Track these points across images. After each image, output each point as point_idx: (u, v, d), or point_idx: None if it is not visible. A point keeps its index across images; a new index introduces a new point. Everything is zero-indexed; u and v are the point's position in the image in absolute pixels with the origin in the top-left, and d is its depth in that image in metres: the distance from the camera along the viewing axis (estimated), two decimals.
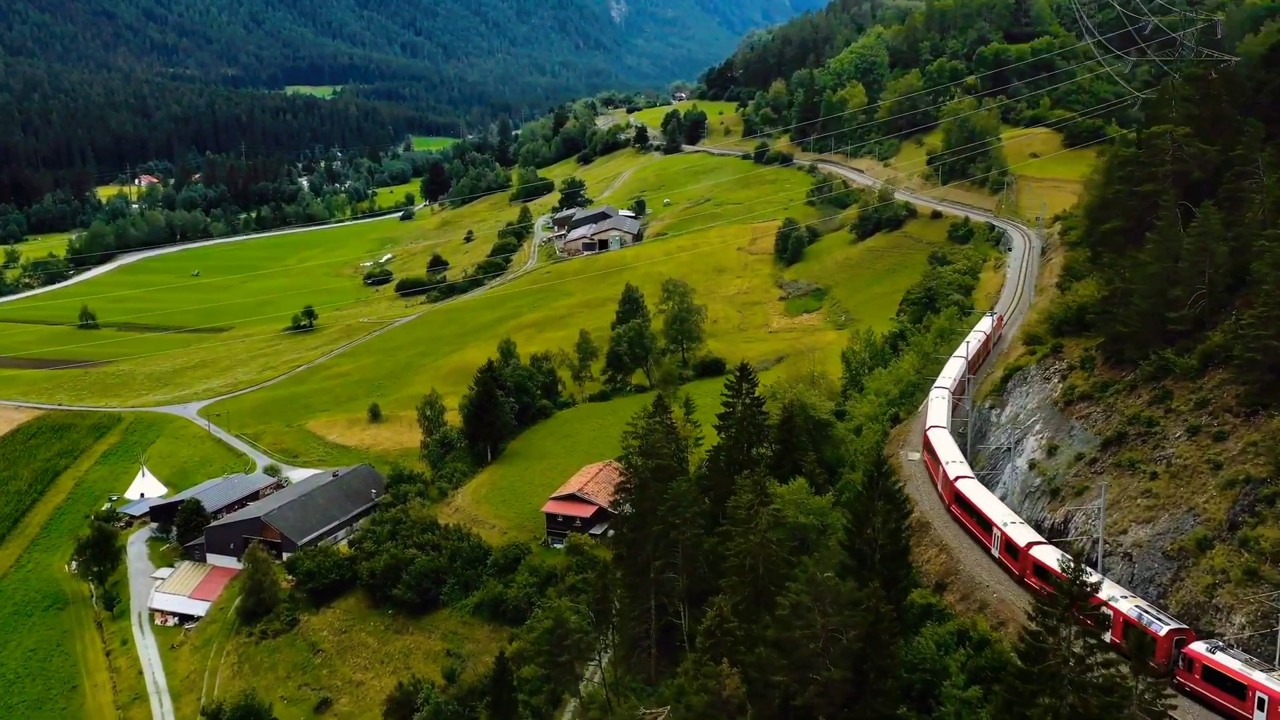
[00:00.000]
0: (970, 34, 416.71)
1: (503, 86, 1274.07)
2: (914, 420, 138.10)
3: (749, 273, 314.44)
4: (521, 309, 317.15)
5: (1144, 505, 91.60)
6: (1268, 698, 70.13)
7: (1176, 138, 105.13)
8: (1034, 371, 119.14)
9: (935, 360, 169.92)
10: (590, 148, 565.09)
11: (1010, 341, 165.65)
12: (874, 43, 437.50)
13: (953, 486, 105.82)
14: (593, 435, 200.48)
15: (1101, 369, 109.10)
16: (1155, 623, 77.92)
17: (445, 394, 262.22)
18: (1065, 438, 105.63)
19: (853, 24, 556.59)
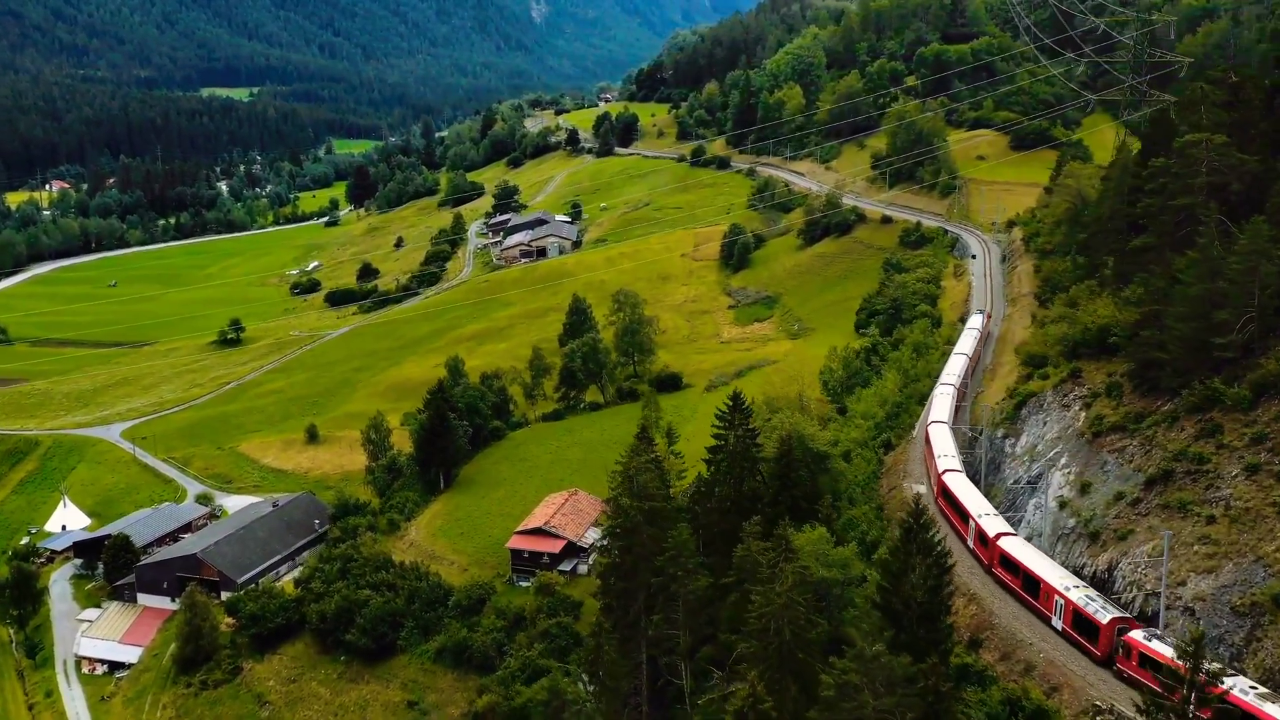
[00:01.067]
0: (907, 35, 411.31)
1: (424, 88, 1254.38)
2: (909, 448, 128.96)
3: (695, 280, 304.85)
4: (460, 320, 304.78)
5: (1203, 553, 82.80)
6: None
7: (1213, 146, 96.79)
8: (1050, 398, 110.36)
9: (914, 378, 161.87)
10: (520, 151, 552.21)
11: (993, 356, 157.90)
12: (810, 44, 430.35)
13: (941, 482, 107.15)
14: (550, 458, 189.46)
15: (1131, 397, 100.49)
16: (1100, 611, 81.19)
17: (385, 411, 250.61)
18: (1098, 473, 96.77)
19: (783, 25, 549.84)
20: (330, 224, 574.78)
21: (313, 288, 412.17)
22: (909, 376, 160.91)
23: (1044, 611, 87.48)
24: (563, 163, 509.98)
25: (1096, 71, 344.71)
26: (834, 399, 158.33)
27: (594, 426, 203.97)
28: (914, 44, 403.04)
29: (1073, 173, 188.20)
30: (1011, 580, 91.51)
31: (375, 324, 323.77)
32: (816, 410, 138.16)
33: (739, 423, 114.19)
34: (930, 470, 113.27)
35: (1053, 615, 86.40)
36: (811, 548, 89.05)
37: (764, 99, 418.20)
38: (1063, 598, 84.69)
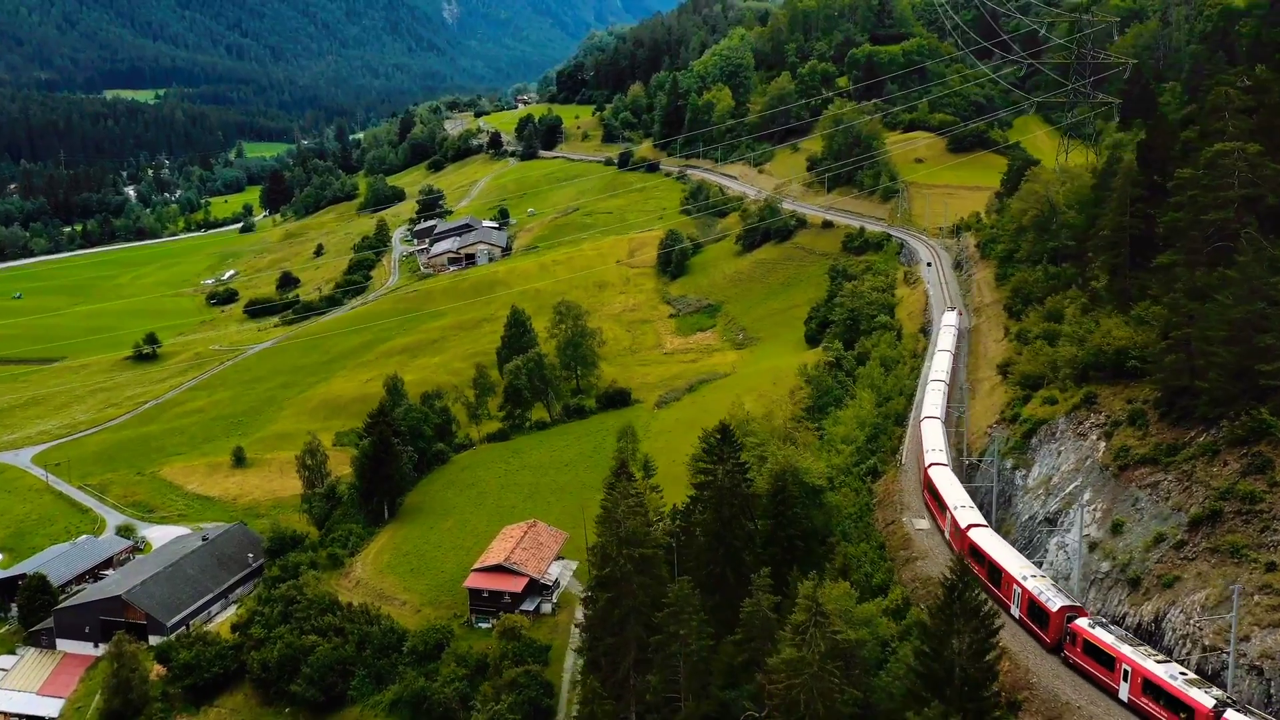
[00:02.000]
0: (836, 36, 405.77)
1: (335, 89, 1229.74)
2: (900, 476, 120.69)
3: (632, 288, 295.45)
4: (389, 332, 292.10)
5: (1266, 605, 75.15)
6: (1130, 669, 73.86)
7: (1246, 156, 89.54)
8: (1063, 425, 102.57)
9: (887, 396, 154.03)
10: (441, 154, 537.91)
11: (966, 370, 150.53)
12: (738, 44, 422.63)
13: (926, 475, 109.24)
14: (499, 483, 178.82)
15: (1159, 427, 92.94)
16: (1051, 599, 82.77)
17: (316, 430, 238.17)
18: (1130, 511, 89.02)
19: (706, 25, 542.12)
20: (245, 230, 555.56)
21: (230, 298, 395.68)
22: (882, 394, 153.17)
23: (1005, 600, 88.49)
24: (486, 166, 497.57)
25: (1026, 73, 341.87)
26: (808, 420, 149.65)
27: (542, 447, 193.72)
28: (843, 45, 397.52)
29: (1038, 178, 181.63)
30: (979, 569, 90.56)
31: (300, 337, 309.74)
32: (785, 431, 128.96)
33: (728, 456, 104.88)
34: (919, 462, 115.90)
35: (1011, 604, 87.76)
36: (834, 605, 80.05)
37: (692, 101, 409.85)
38: (1020, 586, 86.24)
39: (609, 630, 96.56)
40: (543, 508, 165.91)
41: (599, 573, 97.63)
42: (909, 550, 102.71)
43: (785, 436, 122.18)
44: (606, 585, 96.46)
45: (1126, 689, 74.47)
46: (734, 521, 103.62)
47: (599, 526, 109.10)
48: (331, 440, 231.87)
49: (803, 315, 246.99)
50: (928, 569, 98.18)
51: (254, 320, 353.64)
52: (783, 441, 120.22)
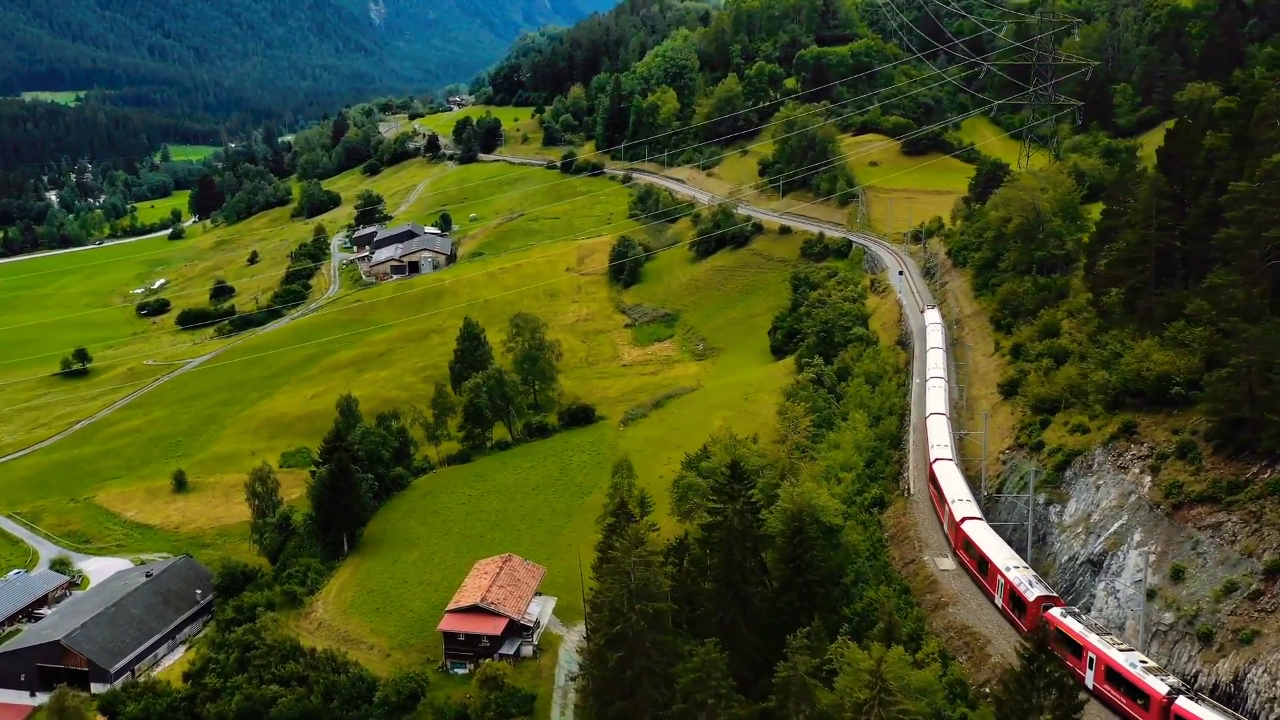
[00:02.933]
0: (781, 36, 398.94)
1: (262, 91, 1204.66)
2: (910, 508, 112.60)
3: (585, 297, 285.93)
4: (333, 345, 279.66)
5: None
6: (1095, 656, 75.84)
7: None
8: (1100, 457, 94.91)
9: (878, 415, 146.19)
10: (377, 158, 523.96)
11: (957, 386, 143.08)
12: (682, 45, 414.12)
13: (931, 470, 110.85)
14: (464, 510, 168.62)
15: (1214, 461, 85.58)
16: (1029, 590, 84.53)
17: (260, 450, 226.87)
18: (1190, 555, 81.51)
19: (645, 26, 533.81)
20: (175, 237, 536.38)
21: (162, 308, 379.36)
22: (872, 414, 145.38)
23: (990, 591, 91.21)
24: (424, 170, 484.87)
25: (974, 74, 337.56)
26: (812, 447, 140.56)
27: (506, 469, 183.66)
28: (789, 46, 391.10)
29: (1017, 184, 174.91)
30: (969, 561, 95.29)
31: (239, 350, 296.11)
32: (788, 462, 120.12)
33: (739, 494, 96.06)
34: (925, 456, 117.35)
35: (995, 594, 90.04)
36: (889, 672, 71.38)
37: (636, 103, 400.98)
38: (1003, 577, 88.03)
39: (619, 693, 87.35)
40: (512, 537, 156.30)
41: (608, 630, 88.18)
42: (936, 594, 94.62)
43: (788, 467, 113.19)
44: (617, 644, 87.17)
45: (1092, 676, 76.37)
46: (746, 566, 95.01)
47: (595, 572, 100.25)
48: (278, 461, 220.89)
49: (764, 324, 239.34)
50: (961, 616, 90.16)
51: (188, 332, 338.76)
52: (785, 471, 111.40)
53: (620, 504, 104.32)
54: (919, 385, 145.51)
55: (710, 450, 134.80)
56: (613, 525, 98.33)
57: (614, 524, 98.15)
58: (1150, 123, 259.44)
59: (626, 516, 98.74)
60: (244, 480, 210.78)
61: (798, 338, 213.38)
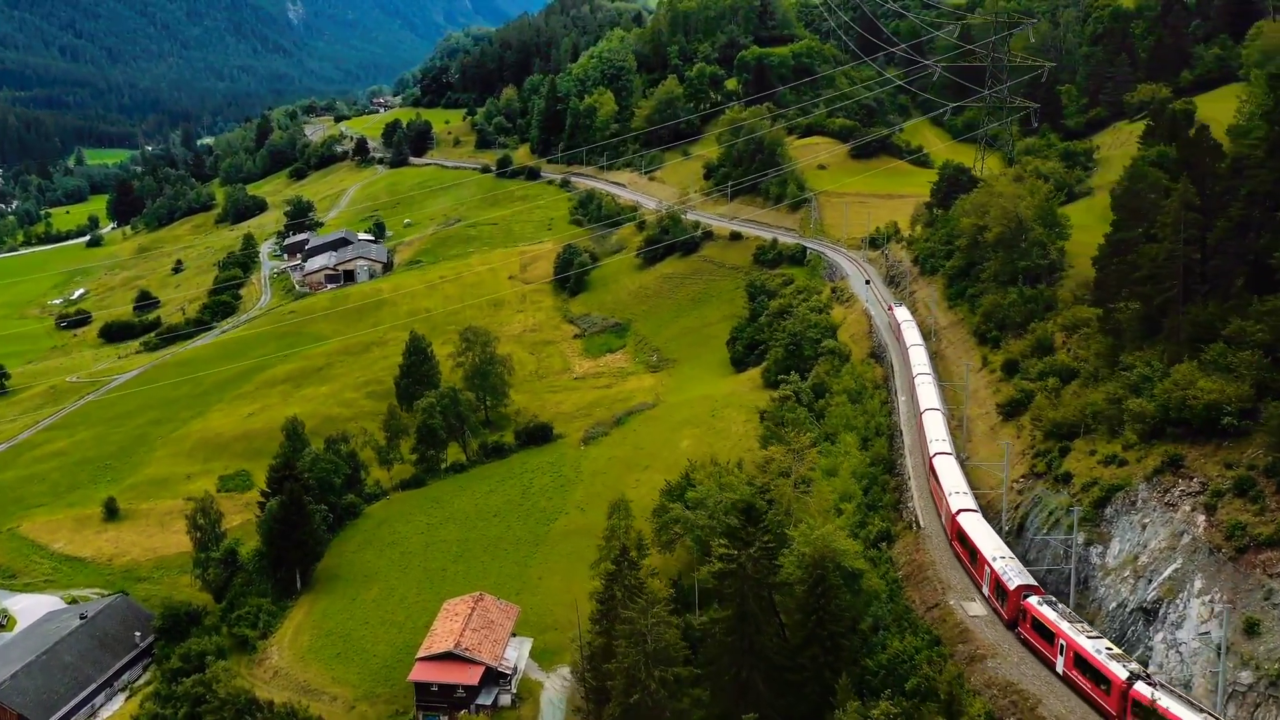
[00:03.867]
0: (719, 37, 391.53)
1: (178, 93, 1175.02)
2: (921, 542, 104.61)
3: (530, 306, 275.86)
4: (268, 359, 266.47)
5: None
6: (1065, 643, 77.49)
7: None
8: (1144, 492, 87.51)
9: (866, 437, 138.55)
10: (304, 161, 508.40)
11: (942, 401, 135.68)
12: (618, 46, 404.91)
13: (930, 464, 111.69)
14: (423, 540, 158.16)
15: (1278, 500, 78.52)
16: (1011, 579, 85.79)
17: (195, 474, 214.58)
18: (1264, 606, 74.19)
19: (576, 27, 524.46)
20: (93, 244, 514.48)
21: (83, 320, 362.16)
22: (859, 434, 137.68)
23: (979, 580, 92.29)
24: (353, 174, 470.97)
25: (919, 75, 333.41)
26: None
27: (464, 494, 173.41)
28: (727, 47, 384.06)
29: (993, 190, 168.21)
30: (962, 552, 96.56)
31: (169, 365, 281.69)
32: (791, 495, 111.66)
33: (754, 539, 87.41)
34: (923, 450, 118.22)
35: (983, 583, 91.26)
36: None
37: (573, 105, 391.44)
38: (989, 567, 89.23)
39: None
40: (478, 570, 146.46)
41: (623, 699, 79.03)
42: (970, 644, 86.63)
43: (792, 502, 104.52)
44: (635, 714, 78.03)
45: (1062, 663, 78.29)
46: (762, 618, 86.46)
47: (594, 624, 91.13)
48: (215, 485, 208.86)
49: (719, 333, 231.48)
50: (1003, 671, 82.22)
51: (112, 345, 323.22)
52: (789, 508, 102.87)
53: (622, 551, 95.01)
54: (908, 380, 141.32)
55: (694, 478, 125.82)
56: (614, 574, 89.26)
57: (615, 572, 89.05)
58: (1100, 124, 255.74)
59: (629, 565, 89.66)
60: (180, 506, 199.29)
61: (760, 349, 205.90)
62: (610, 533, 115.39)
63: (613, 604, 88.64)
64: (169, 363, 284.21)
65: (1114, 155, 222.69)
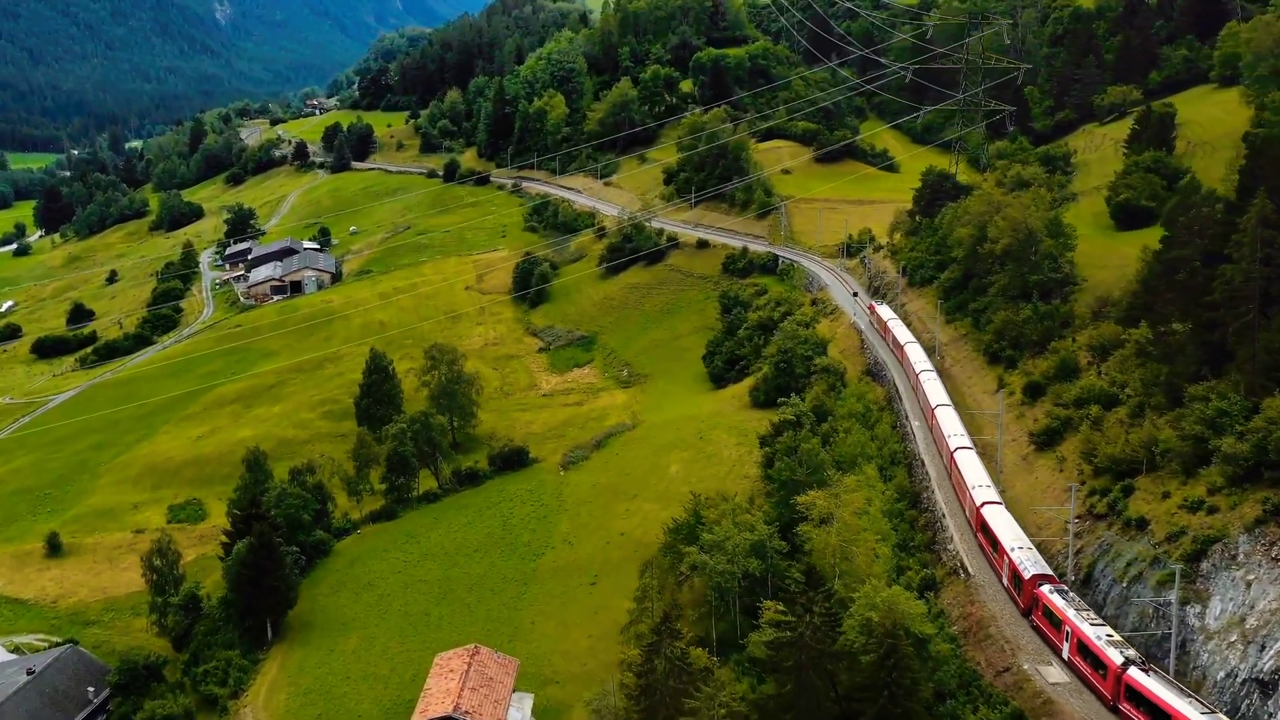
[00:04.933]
0: (671, 38, 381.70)
1: (104, 95, 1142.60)
2: (974, 593, 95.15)
3: (490, 318, 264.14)
4: (216, 377, 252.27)
5: None
6: (1070, 630, 79.04)
7: None
8: (1245, 544, 78.66)
9: (883, 465, 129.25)
10: (240, 166, 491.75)
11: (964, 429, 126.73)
12: (567, 48, 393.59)
13: (951, 459, 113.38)
14: (401, 581, 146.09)
15: None
16: (1026, 568, 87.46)
17: (143, 503, 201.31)
18: None
19: (519, 28, 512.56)
20: (20, 254, 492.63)
21: (13, 334, 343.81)
22: (876, 461, 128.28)
23: (999, 570, 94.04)
24: (293, 180, 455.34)
25: (870, 77, 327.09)
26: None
27: (439, 527, 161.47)
28: (679, 48, 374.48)
29: (992, 199, 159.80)
30: (985, 543, 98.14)
31: (109, 384, 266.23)
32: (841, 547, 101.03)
33: (816, 604, 77.42)
34: (941, 448, 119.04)
35: (1002, 572, 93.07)
36: None
37: (522, 108, 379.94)
38: (1007, 556, 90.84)
39: None
40: (463, 614, 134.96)
41: None
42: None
43: (842, 553, 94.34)
44: None
45: (1067, 649, 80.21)
46: (824, 693, 76.54)
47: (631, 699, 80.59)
48: (165, 515, 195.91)
49: (691, 346, 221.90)
50: None
51: (45, 361, 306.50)
52: (838, 559, 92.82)
53: (665, 619, 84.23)
54: (923, 406, 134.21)
55: (704, 515, 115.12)
56: (654, 644, 78.86)
57: (655, 643, 78.66)
58: (1068, 127, 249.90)
59: (671, 633, 79.35)
60: (129, 540, 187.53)
61: (741, 365, 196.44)
62: (642, 593, 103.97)
63: (653, 677, 78.27)
64: (109, 381, 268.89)
65: (1092, 159, 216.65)
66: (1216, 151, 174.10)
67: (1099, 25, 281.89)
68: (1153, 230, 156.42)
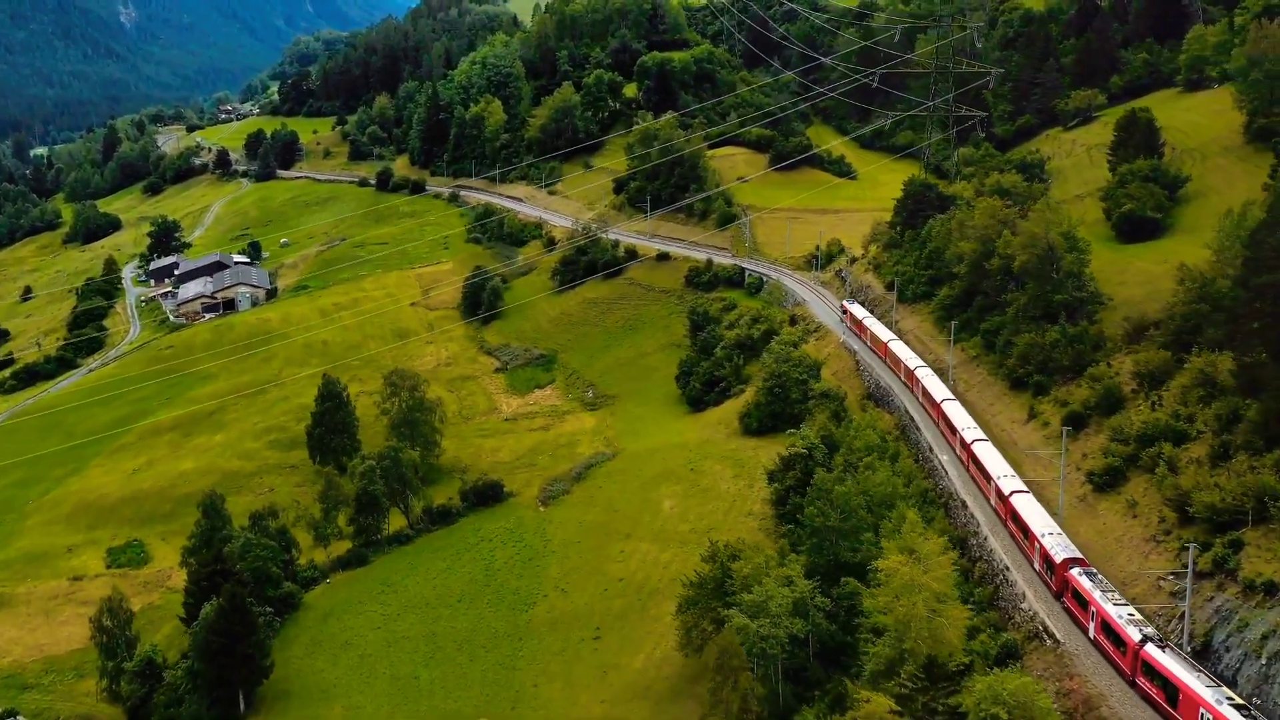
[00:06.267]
0: (611, 41, 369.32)
1: (4, 100, 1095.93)
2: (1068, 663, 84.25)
3: (441, 336, 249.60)
4: (148, 403, 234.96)
5: None
6: (1095, 610, 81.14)
7: None
8: None
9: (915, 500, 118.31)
10: (159, 175, 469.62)
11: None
12: (503, 51, 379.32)
13: (969, 450, 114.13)
14: (382, 638, 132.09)
15: None
16: (1057, 552, 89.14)
17: (77, 546, 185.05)
18: None
19: (447, 32, 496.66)
20: None
21: None
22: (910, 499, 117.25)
23: (1030, 556, 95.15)
24: (215, 189, 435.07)
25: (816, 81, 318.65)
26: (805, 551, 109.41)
27: (416, 573, 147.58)
28: (619, 51, 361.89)
29: (998, 214, 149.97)
30: (1015, 530, 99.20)
31: (31, 412, 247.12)
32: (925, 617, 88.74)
33: (937, 702, 65.95)
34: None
35: (1034, 558, 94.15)
36: None
37: (458, 114, 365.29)
38: (1039, 542, 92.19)
39: None
40: (455, 677, 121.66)
41: None
42: None
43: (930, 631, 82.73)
44: None
45: (1093, 628, 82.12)
46: None
47: None
48: (104, 559, 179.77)
49: (659, 365, 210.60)
50: None
51: None
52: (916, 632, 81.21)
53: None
54: (938, 406, 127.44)
55: (744, 575, 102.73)
56: None
57: None
58: (1029, 132, 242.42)
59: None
60: (65, 589, 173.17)
61: (721, 387, 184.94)
62: (718, 681, 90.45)
63: None
64: (31, 409, 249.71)
65: (1065, 165, 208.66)
66: (1207, 158, 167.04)
67: (1053, 28, 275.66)
68: (1161, 243, 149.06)
